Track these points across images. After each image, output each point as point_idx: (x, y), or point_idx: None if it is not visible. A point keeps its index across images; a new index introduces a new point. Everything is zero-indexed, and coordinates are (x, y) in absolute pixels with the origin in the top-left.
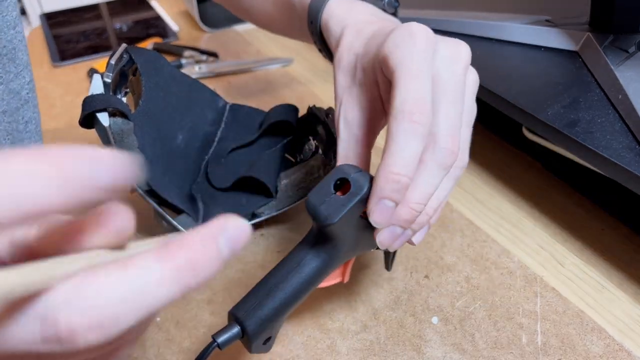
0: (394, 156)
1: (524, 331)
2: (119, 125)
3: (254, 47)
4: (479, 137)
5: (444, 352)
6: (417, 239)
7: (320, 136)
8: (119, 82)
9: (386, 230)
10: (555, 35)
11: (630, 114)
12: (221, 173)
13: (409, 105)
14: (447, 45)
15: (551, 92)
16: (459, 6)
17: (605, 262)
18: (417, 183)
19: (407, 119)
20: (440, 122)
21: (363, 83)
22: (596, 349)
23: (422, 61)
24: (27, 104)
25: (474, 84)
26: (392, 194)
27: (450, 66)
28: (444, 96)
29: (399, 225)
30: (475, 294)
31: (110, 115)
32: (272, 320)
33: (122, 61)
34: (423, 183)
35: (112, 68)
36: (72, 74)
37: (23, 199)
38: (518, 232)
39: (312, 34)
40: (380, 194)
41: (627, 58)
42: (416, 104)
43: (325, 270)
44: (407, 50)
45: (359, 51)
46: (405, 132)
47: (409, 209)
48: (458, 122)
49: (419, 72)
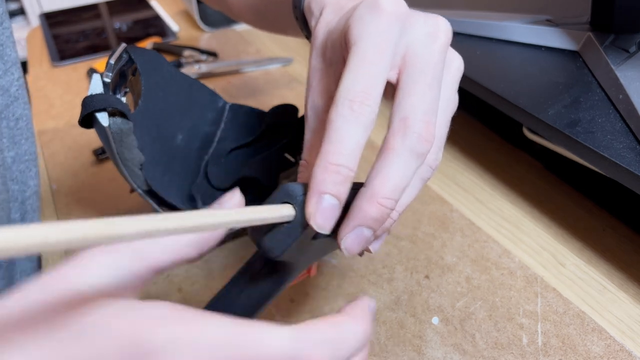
0: (334, 144)
1: (525, 331)
2: (119, 125)
3: (253, 46)
4: (479, 137)
5: (445, 353)
6: (374, 246)
7: None
8: (118, 81)
9: (352, 234)
10: (556, 35)
11: (631, 113)
12: (221, 173)
13: (352, 94)
14: (423, 21)
15: (552, 92)
16: (459, 6)
17: (606, 262)
18: (387, 173)
19: (348, 106)
20: (414, 105)
21: (332, 63)
22: (597, 349)
23: (383, 40)
24: (17, 101)
25: (457, 70)
26: (334, 187)
27: (427, 45)
28: (420, 76)
29: (367, 226)
30: (476, 295)
31: (110, 115)
32: None
33: (121, 61)
34: (394, 173)
35: (112, 68)
36: (72, 73)
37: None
38: (519, 232)
39: (297, 19)
40: (319, 188)
41: (628, 58)
42: (361, 92)
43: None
44: (366, 26)
45: (331, 27)
46: (345, 119)
47: (378, 206)
48: (434, 108)
49: (374, 54)
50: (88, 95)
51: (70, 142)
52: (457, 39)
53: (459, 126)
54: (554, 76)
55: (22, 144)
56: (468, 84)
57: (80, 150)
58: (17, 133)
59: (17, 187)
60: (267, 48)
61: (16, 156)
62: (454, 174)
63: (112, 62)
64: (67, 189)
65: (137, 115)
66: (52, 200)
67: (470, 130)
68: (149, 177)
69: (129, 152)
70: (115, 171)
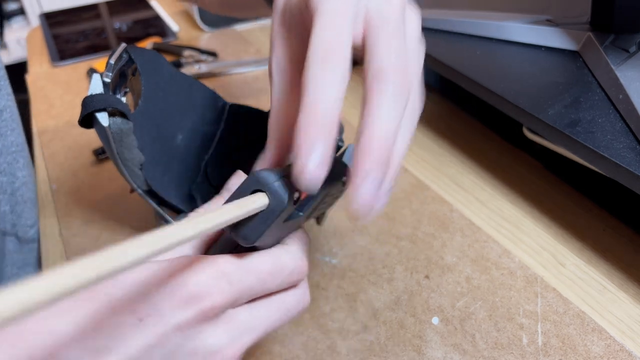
0: (317, 94)
1: (525, 332)
2: (119, 125)
3: (253, 46)
4: (479, 137)
5: (445, 353)
6: (381, 202)
7: None
8: (118, 81)
9: (362, 187)
10: (556, 35)
11: (631, 113)
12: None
13: (325, 45)
14: None
15: (552, 92)
16: (460, 5)
17: (606, 262)
18: (378, 116)
19: (322, 58)
20: (383, 55)
21: (292, 27)
22: (597, 349)
23: (343, 2)
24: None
25: (416, 24)
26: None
27: (384, 3)
28: (383, 31)
29: (373, 172)
30: (476, 295)
31: (110, 115)
32: None
33: (121, 61)
34: (384, 116)
35: (112, 68)
36: (72, 73)
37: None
38: (519, 232)
39: None
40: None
41: (628, 58)
42: (333, 42)
43: None
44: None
45: None
46: (323, 69)
47: (378, 146)
48: (403, 54)
49: (338, 13)
50: (88, 95)
51: (71, 142)
52: (457, 39)
53: (459, 126)
54: (554, 76)
55: (8, 135)
56: (468, 84)
57: (80, 150)
58: (2, 125)
59: (6, 179)
60: (267, 48)
61: (2, 148)
62: (454, 174)
63: (112, 62)
64: (67, 189)
65: (137, 115)
66: (52, 200)
67: (470, 130)
68: (149, 177)
69: (129, 152)
70: (115, 171)
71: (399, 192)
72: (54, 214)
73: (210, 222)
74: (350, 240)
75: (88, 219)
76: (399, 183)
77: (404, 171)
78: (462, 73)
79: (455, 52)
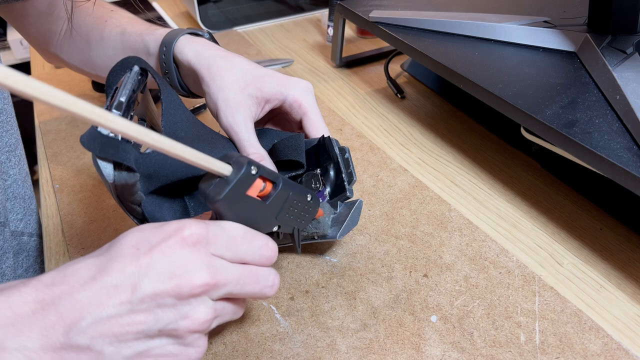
0: (321, 127)
1: (523, 330)
2: (124, 178)
3: (254, 48)
4: (477, 137)
5: (443, 351)
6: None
7: (328, 176)
8: (130, 101)
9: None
10: (554, 36)
11: (628, 114)
12: None
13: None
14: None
15: (549, 93)
16: (458, 7)
17: (603, 261)
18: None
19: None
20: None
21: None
22: (594, 347)
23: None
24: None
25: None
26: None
27: (307, 95)
28: (314, 112)
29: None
30: (474, 293)
31: (116, 168)
32: None
33: (134, 81)
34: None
35: (129, 92)
36: (74, 74)
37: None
38: (516, 231)
39: (161, 61)
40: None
41: (625, 59)
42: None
43: None
44: (311, 99)
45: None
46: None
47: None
48: (322, 120)
49: (316, 111)
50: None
51: (73, 142)
52: (455, 41)
53: (457, 126)
54: (551, 77)
55: (3, 136)
56: (466, 85)
57: (83, 150)
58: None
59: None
60: (268, 49)
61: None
62: (452, 174)
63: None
64: (69, 189)
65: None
66: (54, 199)
67: (468, 131)
68: (147, 212)
69: (129, 195)
70: None
71: (398, 192)
72: (57, 214)
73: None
74: (349, 239)
75: (90, 218)
76: (398, 183)
77: (403, 171)
78: (460, 74)
79: (454, 54)
